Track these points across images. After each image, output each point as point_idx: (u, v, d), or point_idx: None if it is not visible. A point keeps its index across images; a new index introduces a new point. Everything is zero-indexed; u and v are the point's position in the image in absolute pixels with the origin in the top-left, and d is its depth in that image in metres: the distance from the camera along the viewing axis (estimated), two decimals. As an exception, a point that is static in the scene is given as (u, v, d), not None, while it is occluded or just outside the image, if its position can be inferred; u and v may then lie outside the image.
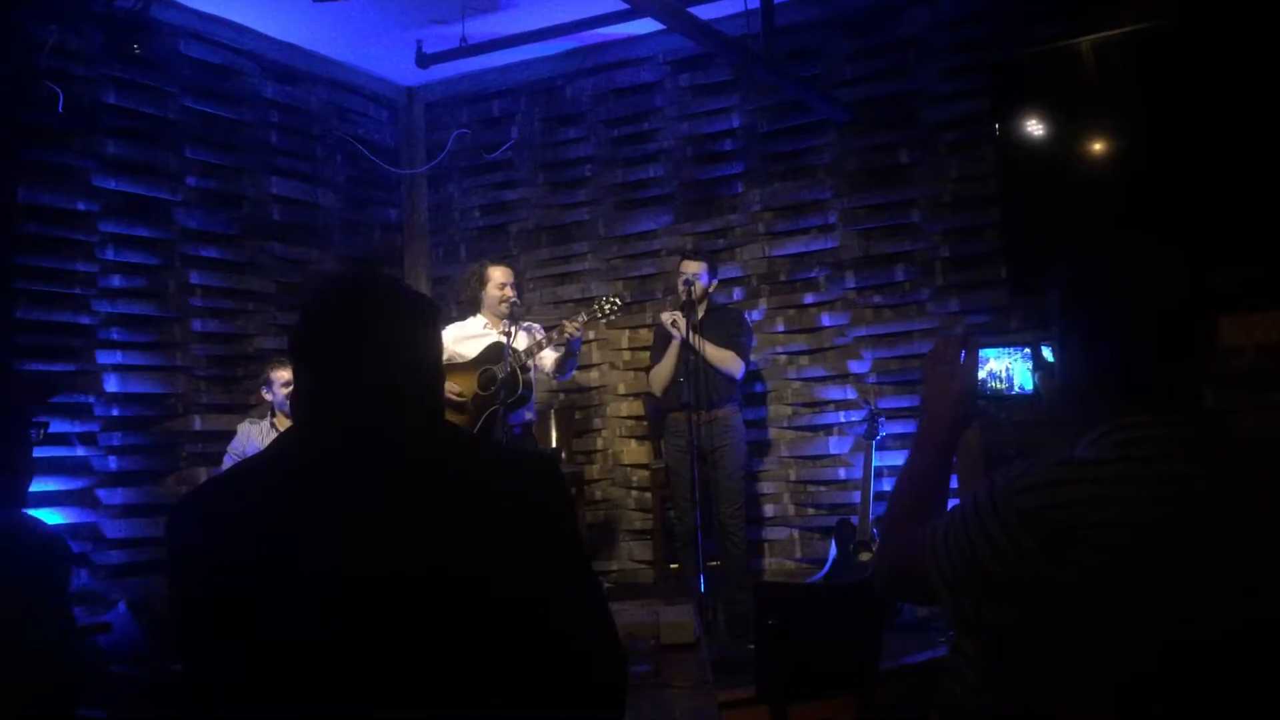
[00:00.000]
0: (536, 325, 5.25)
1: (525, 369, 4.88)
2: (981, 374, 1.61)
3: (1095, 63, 4.92)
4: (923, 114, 5.63)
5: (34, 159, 4.97)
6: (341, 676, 1.33)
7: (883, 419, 5.40)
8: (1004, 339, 1.62)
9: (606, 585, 5.35)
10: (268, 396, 5.15)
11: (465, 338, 5.08)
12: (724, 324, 5.21)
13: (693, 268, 5.14)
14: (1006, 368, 1.62)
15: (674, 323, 5.05)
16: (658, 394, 5.34)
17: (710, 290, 5.20)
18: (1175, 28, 4.78)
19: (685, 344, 5.00)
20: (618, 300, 5.02)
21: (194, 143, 5.70)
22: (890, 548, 1.58)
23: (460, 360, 5.01)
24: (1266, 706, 1.31)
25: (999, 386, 1.62)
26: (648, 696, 2.10)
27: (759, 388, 5.92)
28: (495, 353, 4.90)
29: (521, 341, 4.94)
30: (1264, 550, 1.32)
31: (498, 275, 5.11)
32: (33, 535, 1.85)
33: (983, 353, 1.62)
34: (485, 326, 5.10)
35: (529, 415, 5.12)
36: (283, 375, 5.01)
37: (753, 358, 5.71)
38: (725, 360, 5.09)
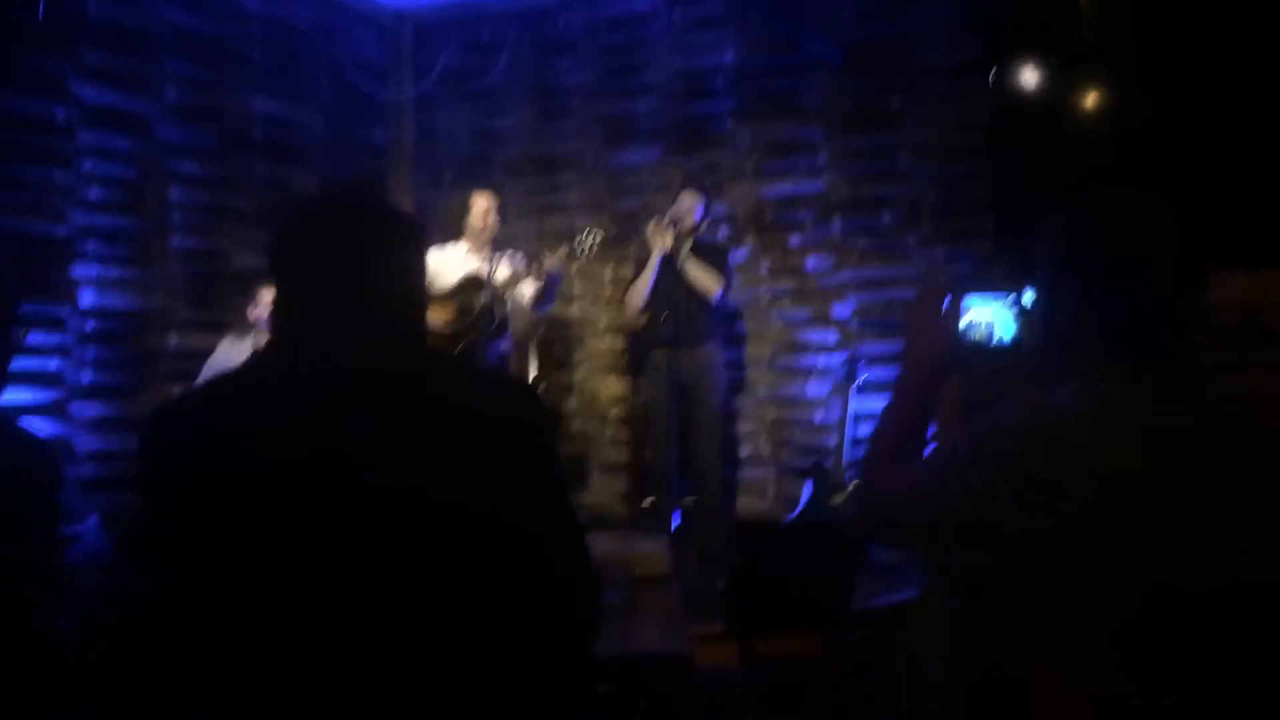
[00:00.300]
0: (518, 256, 5.19)
1: (503, 301, 4.84)
2: (962, 323, 1.60)
3: (1094, 14, 4.87)
4: (918, 59, 5.57)
5: (12, 66, 4.86)
6: (313, 591, 1.32)
7: (863, 364, 5.41)
8: (987, 285, 1.59)
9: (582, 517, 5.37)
10: (252, 315, 5.09)
11: (445, 264, 5.02)
12: (707, 256, 5.18)
13: (690, 200, 5.12)
14: (988, 317, 1.60)
15: (658, 225, 4.99)
16: (632, 313, 5.27)
17: (701, 229, 5.17)
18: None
19: (667, 259, 4.97)
20: (600, 232, 4.96)
21: (175, 55, 5.58)
22: (867, 491, 1.58)
23: (438, 289, 4.95)
24: (1247, 661, 1.32)
25: (979, 337, 1.61)
26: (620, 626, 2.11)
27: (740, 328, 5.91)
28: (474, 283, 4.85)
29: (503, 271, 4.90)
30: (1245, 505, 1.32)
31: (482, 202, 5.05)
32: (23, 443, 1.80)
33: (965, 301, 1.60)
34: (467, 253, 5.04)
35: (504, 346, 5.08)
36: (271, 296, 4.94)
37: (735, 297, 5.69)
38: (703, 279, 5.05)
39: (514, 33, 6.53)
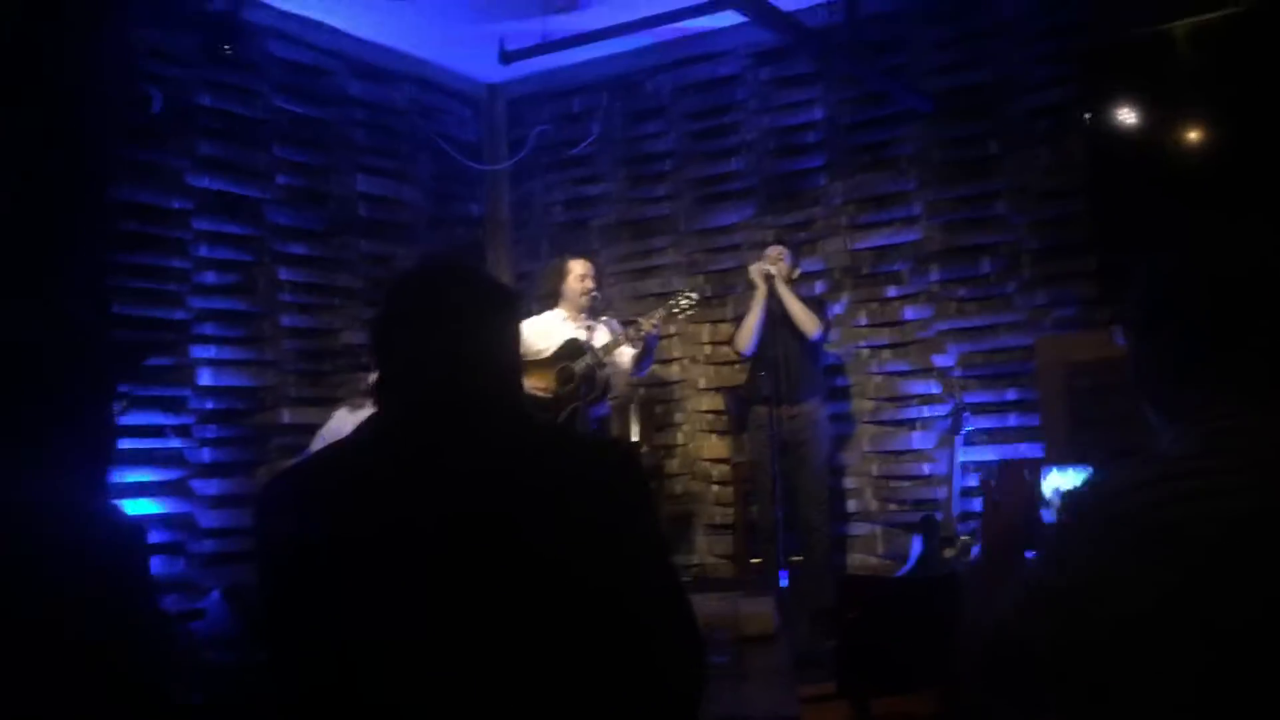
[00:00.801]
0: (615, 321, 5.26)
1: (602, 365, 4.90)
2: (1045, 492, 1.59)
3: (1191, 48, 4.77)
4: (1010, 103, 5.52)
5: (131, 159, 5.12)
6: (423, 654, 1.34)
7: (968, 414, 5.31)
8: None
9: (686, 578, 5.34)
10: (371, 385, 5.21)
11: (543, 332, 5.08)
12: (806, 305, 5.20)
13: (776, 250, 5.18)
14: (1069, 487, 1.58)
15: (762, 270, 5.07)
16: (743, 349, 5.27)
17: (793, 275, 5.20)
18: (1276, 10, 4.60)
19: (771, 296, 5.01)
20: (694, 295, 5.07)
21: (283, 141, 5.82)
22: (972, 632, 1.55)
23: (537, 356, 5.01)
24: None
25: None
26: (727, 687, 2.09)
27: (841, 382, 5.86)
28: (573, 349, 4.92)
29: (601, 336, 4.97)
30: None
31: (578, 268, 5.14)
32: (108, 525, 1.86)
33: (1046, 472, 1.60)
34: (564, 320, 5.11)
35: (604, 410, 5.14)
36: None
37: (835, 350, 5.66)
38: (804, 317, 5.06)
39: (604, 102, 6.67)
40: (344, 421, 5.15)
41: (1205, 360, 1.36)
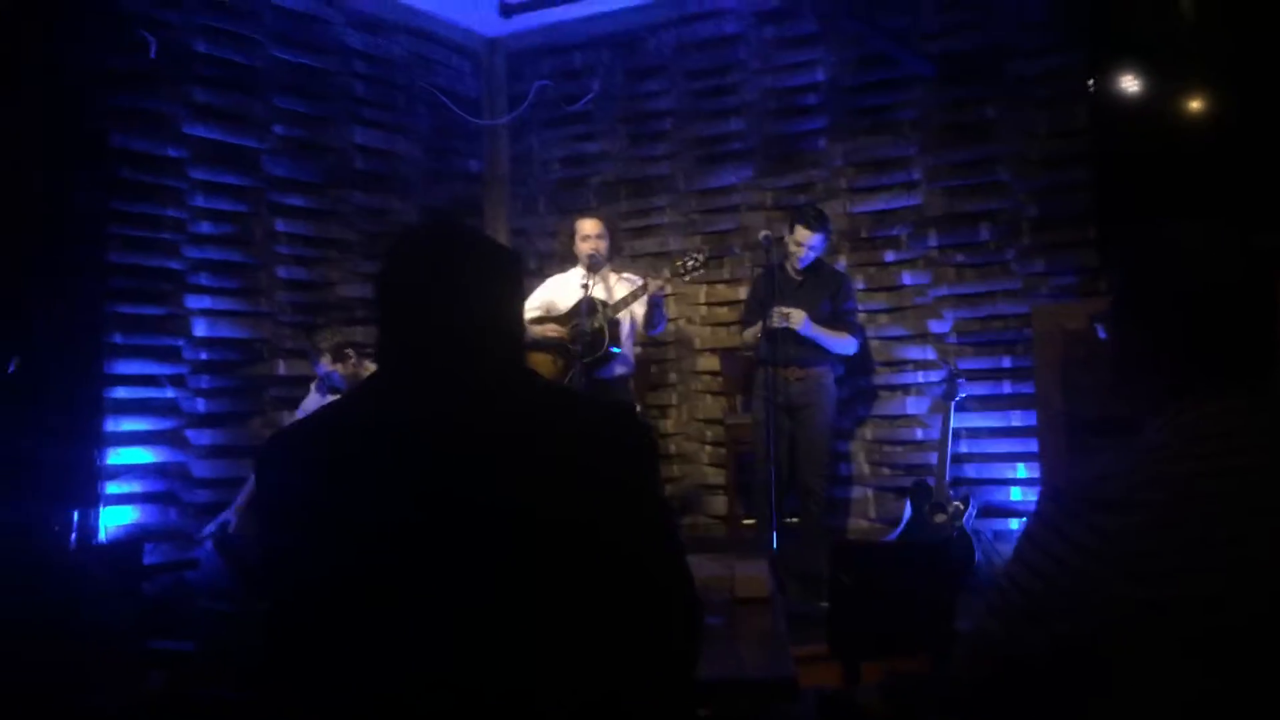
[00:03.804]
0: (637, 278, 5.25)
1: (615, 323, 4.92)
2: None
3: (1198, 14, 4.73)
4: (1013, 68, 5.48)
5: (126, 106, 5.08)
6: (421, 611, 1.34)
7: (962, 380, 5.32)
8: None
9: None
10: (322, 369, 5.07)
11: (564, 288, 5.16)
12: (825, 287, 5.16)
13: (804, 235, 5.06)
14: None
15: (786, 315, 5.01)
16: (747, 348, 5.29)
17: (793, 248, 5.10)
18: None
19: (769, 276, 5.01)
20: (700, 255, 5.02)
21: (281, 91, 5.77)
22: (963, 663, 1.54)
23: (557, 311, 5.10)
24: None
25: None
26: (721, 648, 2.10)
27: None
28: (588, 306, 4.95)
29: (619, 292, 5.01)
30: None
31: (583, 228, 5.17)
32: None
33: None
34: (583, 278, 5.14)
35: (621, 369, 5.14)
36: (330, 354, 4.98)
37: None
38: (838, 341, 5.09)
39: (605, 58, 6.61)
40: (316, 403, 5.14)
41: (1174, 354, 1.40)
